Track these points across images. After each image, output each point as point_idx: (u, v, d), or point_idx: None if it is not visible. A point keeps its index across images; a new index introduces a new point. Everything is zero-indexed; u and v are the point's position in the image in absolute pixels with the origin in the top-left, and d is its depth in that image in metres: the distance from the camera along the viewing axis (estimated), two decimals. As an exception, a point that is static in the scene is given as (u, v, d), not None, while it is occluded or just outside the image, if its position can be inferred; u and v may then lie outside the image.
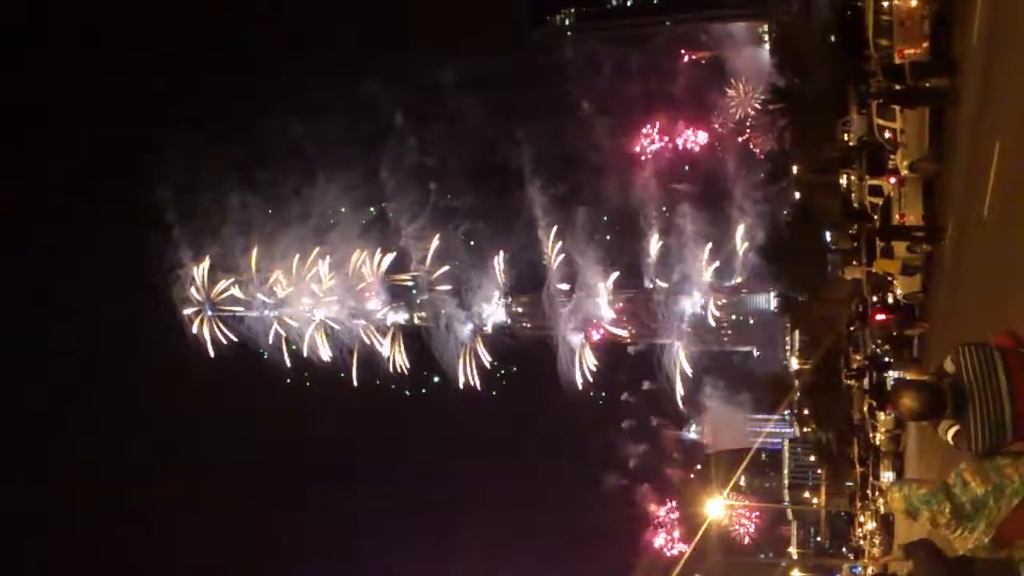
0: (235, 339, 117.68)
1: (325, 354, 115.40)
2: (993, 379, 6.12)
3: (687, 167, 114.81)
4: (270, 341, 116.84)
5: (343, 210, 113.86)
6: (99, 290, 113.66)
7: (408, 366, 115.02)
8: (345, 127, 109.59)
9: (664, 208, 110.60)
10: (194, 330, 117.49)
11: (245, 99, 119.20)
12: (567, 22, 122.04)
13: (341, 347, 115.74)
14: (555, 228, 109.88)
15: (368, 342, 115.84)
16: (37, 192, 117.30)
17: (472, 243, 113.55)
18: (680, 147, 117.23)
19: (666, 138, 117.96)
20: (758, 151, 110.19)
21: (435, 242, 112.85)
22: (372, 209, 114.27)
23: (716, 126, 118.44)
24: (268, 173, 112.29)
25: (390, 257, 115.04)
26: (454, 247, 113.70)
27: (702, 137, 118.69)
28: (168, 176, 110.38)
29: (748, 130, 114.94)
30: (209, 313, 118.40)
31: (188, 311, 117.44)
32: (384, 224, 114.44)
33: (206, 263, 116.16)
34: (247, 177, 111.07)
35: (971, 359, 6.22)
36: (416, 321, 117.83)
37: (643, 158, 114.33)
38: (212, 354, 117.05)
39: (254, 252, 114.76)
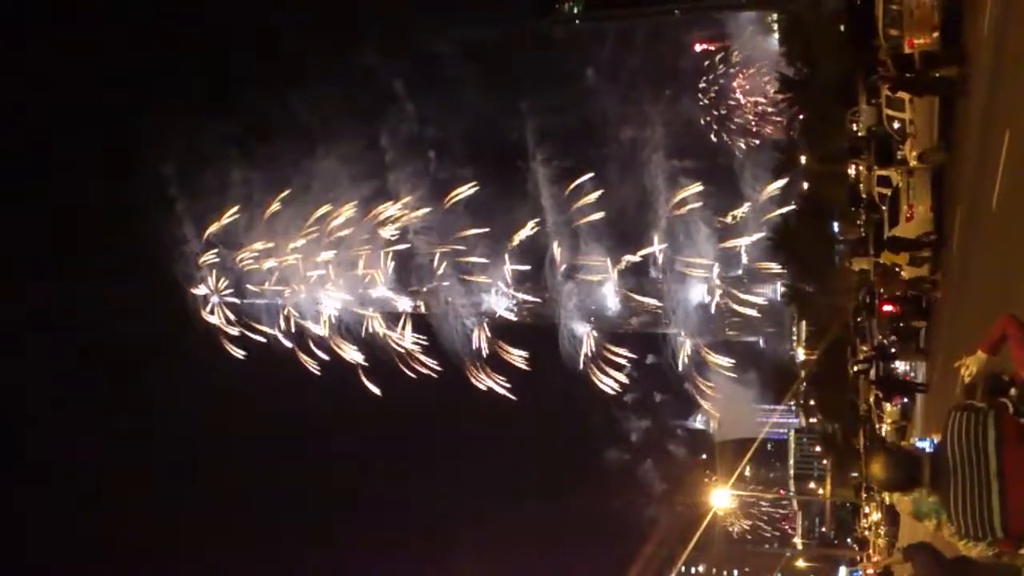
0: (242, 326, 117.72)
1: (347, 348, 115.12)
2: (982, 458, 5.27)
3: (694, 154, 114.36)
4: (278, 328, 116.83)
5: (353, 186, 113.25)
6: (99, 270, 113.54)
7: (429, 366, 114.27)
8: (348, 103, 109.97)
9: (670, 195, 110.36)
10: (203, 316, 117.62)
11: (254, 72, 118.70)
12: (575, 10, 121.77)
13: (350, 331, 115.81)
14: (560, 213, 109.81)
15: (379, 332, 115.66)
16: (31, 170, 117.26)
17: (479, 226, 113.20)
18: (687, 133, 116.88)
19: (673, 123, 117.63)
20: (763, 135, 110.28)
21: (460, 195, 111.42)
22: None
23: (723, 113, 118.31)
24: (285, 148, 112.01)
25: (423, 212, 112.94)
26: (461, 227, 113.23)
27: (706, 125, 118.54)
28: (168, 151, 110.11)
29: (756, 119, 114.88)
30: (215, 300, 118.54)
31: (196, 291, 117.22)
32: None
33: (213, 247, 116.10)
34: (254, 152, 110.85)
35: (961, 429, 5.39)
36: (423, 308, 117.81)
37: (650, 144, 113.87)
38: (222, 342, 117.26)
39: (260, 229, 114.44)
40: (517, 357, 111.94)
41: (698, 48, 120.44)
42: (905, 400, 41.38)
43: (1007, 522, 5.17)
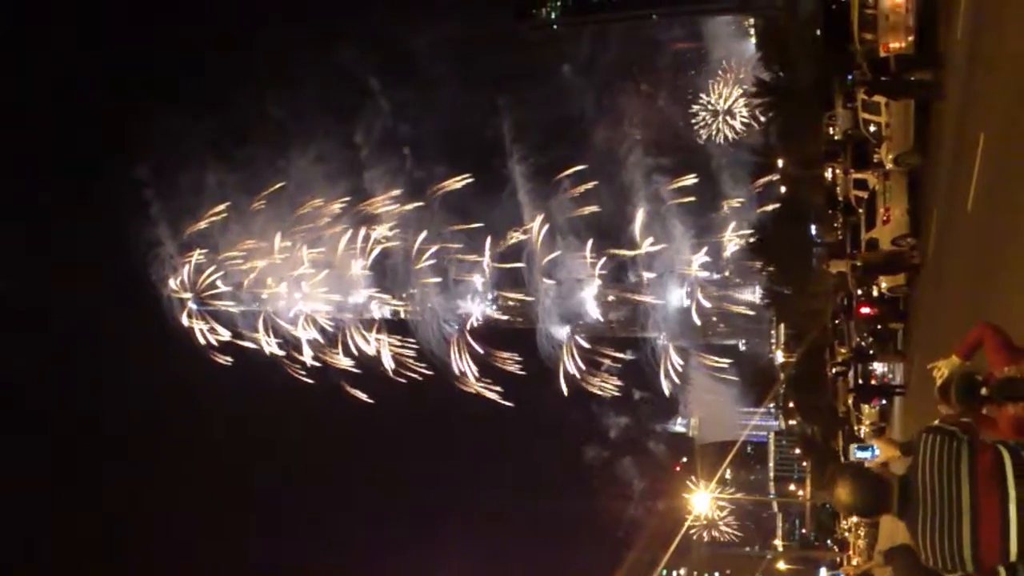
0: (221, 332, 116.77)
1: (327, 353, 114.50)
2: (955, 487, 4.95)
3: (674, 157, 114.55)
4: (259, 334, 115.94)
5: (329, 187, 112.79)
6: (77, 273, 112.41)
7: (414, 368, 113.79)
8: (327, 104, 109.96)
9: (648, 199, 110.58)
10: (183, 321, 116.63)
11: (241, 75, 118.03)
12: (552, 16, 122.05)
13: (329, 338, 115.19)
14: (539, 217, 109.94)
15: (357, 339, 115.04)
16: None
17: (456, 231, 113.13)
18: (666, 137, 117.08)
19: (651, 126, 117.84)
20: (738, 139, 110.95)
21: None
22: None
23: (701, 116, 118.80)
24: (267, 149, 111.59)
25: (402, 210, 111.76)
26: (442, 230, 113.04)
27: (686, 127, 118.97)
28: (143, 153, 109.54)
29: (732, 123, 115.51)
30: (194, 306, 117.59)
31: (170, 293, 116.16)
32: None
33: (190, 250, 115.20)
34: (234, 154, 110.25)
35: (934, 453, 5.06)
36: (403, 314, 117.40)
37: (629, 146, 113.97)
38: (199, 346, 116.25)
39: (239, 232, 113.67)
40: (498, 360, 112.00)
41: (676, 52, 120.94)
42: (883, 401, 41.62)
43: (979, 556, 4.87)
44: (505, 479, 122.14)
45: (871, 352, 39.23)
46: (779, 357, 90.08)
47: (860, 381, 41.08)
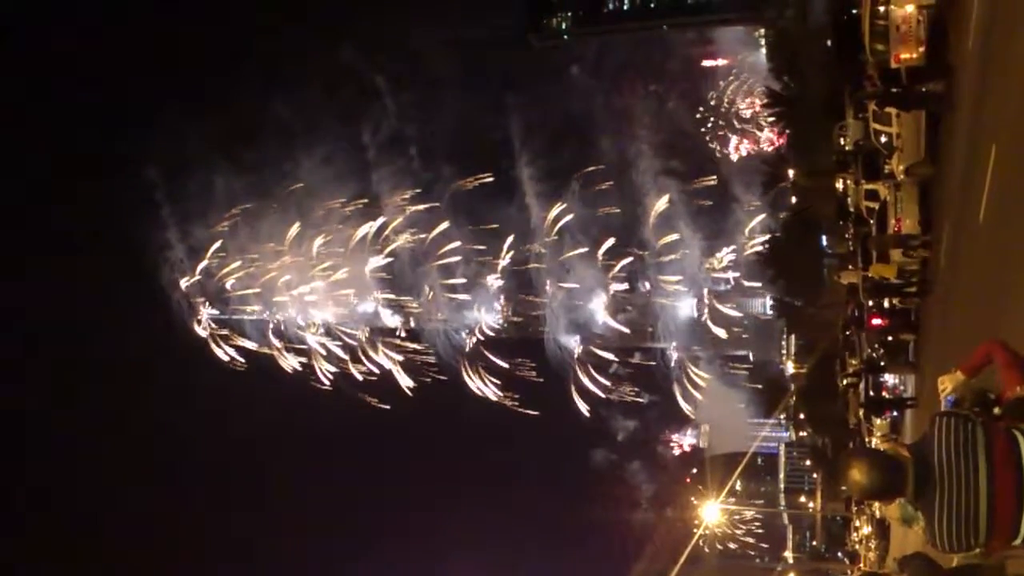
0: (234, 337, 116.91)
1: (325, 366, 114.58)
2: (972, 465, 5.07)
3: (685, 169, 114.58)
4: (272, 339, 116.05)
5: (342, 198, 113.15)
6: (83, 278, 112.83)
7: (410, 384, 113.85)
8: (337, 109, 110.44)
9: (661, 208, 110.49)
10: (195, 327, 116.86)
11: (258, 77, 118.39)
12: (563, 26, 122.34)
13: (343, 345, 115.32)
14: (550, 219, 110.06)
15: (368, 349, 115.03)
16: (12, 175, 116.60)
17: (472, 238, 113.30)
18: (680, 146, 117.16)
19: (664, 136, 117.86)
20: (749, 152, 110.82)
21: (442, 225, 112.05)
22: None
23: (714, 125, 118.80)
24: (275, 154, 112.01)
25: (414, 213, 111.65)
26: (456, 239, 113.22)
27: (697, 138, 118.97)
28: (153, 158, 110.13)
29: (743, 133, 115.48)
30: (206, 312, 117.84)
31: (180, 297, 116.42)
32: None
33: (202, 259, 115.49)
34: (245, 159, 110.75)
35: (950, 435, 5.17)
36: (412, 323, 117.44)
37: (636, 155, 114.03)
38: (211, 355, 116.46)
39: (249, 237, 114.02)
40: (512, 366, 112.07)
41: (686, 63, 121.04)
42: (895, 413, 41.45)
43: (993, 531, 5.05)
44: (513, 488, 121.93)
45: (882, 364, 39.09)
46: (789, 368, 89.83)
47: (871, 393, 40.89)
